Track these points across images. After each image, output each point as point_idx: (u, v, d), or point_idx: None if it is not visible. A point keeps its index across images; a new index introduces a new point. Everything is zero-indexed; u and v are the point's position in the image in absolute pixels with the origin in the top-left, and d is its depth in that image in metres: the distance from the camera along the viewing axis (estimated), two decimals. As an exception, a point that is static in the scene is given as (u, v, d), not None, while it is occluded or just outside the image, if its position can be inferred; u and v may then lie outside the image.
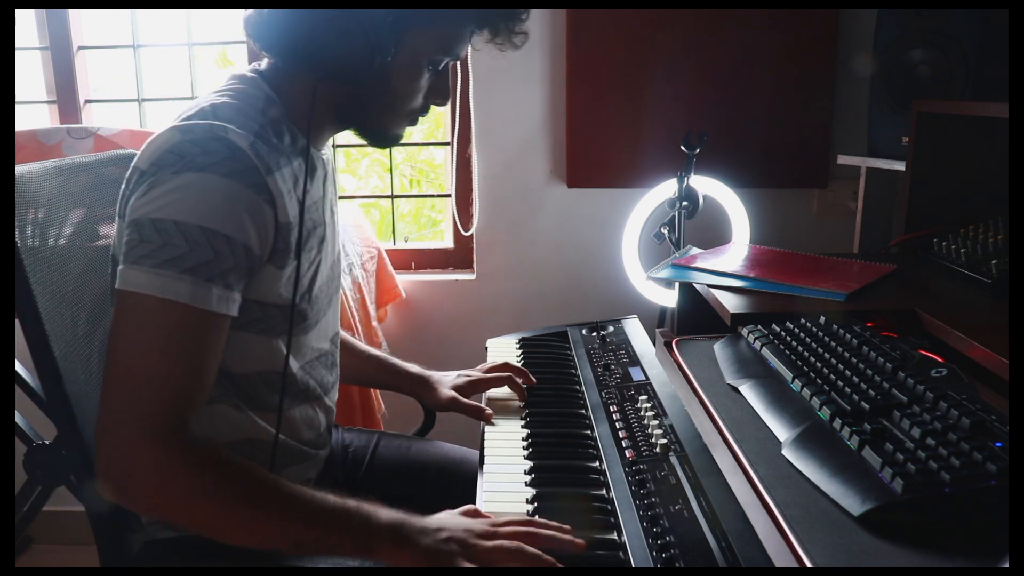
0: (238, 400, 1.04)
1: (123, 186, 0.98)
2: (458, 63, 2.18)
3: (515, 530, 0.90)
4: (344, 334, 1.39)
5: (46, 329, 1.03)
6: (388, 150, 2.48)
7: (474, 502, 0.99)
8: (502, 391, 1.33)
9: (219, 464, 0.90)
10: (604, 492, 0.98)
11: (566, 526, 0.90)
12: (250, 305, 0.99)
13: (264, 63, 1.07)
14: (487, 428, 1.21)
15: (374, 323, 2.10)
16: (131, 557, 1.08)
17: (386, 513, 0.92)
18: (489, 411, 1.24)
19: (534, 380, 1.31)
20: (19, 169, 1.05)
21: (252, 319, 1.00)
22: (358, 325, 1.94)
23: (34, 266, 1.03)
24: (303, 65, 1.00)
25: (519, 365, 1.37)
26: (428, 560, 0.89)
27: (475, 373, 1.37)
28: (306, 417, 1.14)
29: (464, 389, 1.34)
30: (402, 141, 1.12)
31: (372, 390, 1.97)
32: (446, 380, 1.37)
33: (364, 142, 1.12)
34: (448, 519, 0.93)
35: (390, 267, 2.23)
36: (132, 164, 0.97)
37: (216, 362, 0.95)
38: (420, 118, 1.09)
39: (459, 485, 1.23)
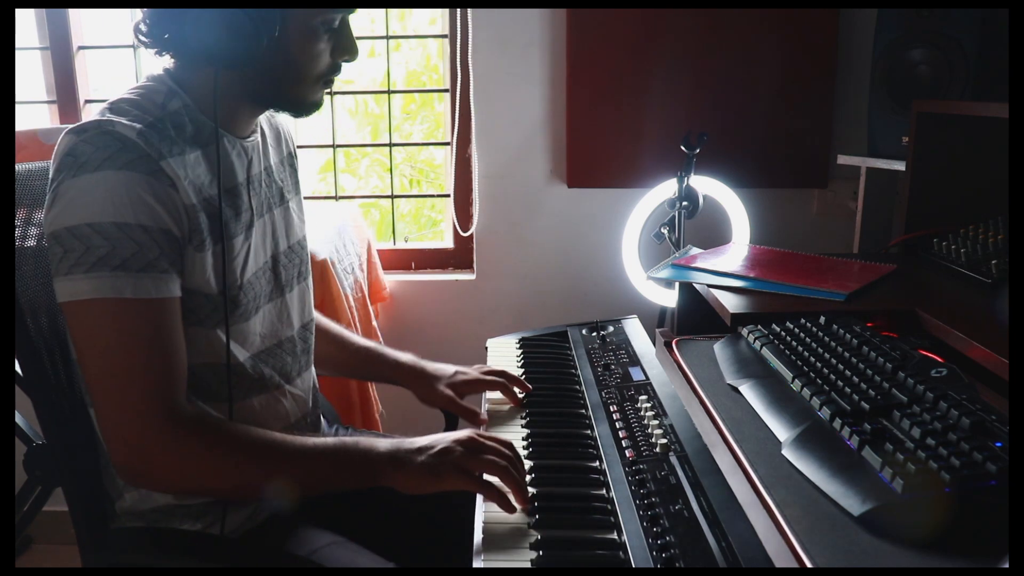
0: (190, 393, 1.03)
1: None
2: (460, 64, 2.18)
3: (501, 450, 1.00)
4: (337, 327, 1.40)
5: (30, 329, 1.03)
6: (388, 150, 2.48)
7: (474, 503, 0.99)
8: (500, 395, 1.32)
9: (225, 432, 0.98)
10: (604, 492, 0.98)
11: (526, 490, 0.97)
12: (183, 295, 1.00)
13: (172, 62, 1.08)
14: (486, 427, 1.21)
15: (374, 323, 2.10)
16: (107, 546, 1.09)
17: (383, 443, 1.01)
18: (484, 416, 1.24)
19: (530, 387, 1.29)
20: (18, 168, 1.06)
21: (185, 310, 1.01)
22: (358, 324, 1.94)
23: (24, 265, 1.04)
24: (198, 60, 1.03)
25: (519, 372, 1.36)
26: (428, 476, 0.97)
27: (472, 372, 1.35)
28: (269, 408, 1.13)
29: (460, 388, 1.33)
30: (321, 106, 1.12)
31: (370, 389, 1.97)
32: (442, 377, 1.35)
33: (289, 114, 1.13)
34: (438, 436, 1.02)
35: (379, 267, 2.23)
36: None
37: (181, 343, 0.98)
38: (335, 77, 1.10)
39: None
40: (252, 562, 1.07)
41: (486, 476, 0.98)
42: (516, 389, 1.29)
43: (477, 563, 0.88)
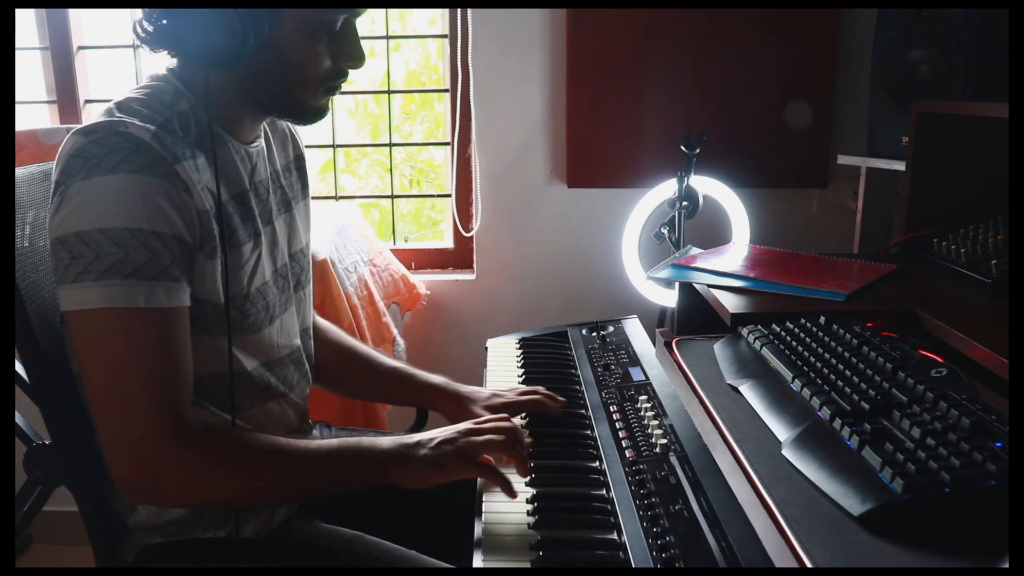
0: (198, 399, 1.02)
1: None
2: (460, 64, 2.18)
3: (498, 425, 1.01)
4: (364, 348, 1.35)
5: (36, 333, 1.03)
6: (388, 150, 2.48)
7: (474, 503, 0.99)
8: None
9: (229, 442, 0.96)
10: (604, 492, 0.98)
11: (526, 463, 0.99)
12: (191, 303, 0.97)
13: (174, 61, 1.06)
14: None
15: (385, 319, 2.09)
16: (128, 563, 1.08)
17: (386, 441, 1.01)
18: (528, 439, 1.14)
19: (565, 401, 1.23)
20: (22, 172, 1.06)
21: (193, 319, 0.98)
22: (363, 321, 1.94)
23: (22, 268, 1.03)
24: (191, 58, 1.01)
25: (519, 372, 1.36)
26: (431, 468, 0.97)
27: (509, 395, 1.25)
28: (273, 414, 1.12)
29: (498, 411, 1.21)
30: (326, 115, 1.08)
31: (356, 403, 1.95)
32: (478, 400, 1.25)
33: (291, 121, 1.10)
34: (438, 430, 1.02)
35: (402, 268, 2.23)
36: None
37: (188, 353, 0.96)
38: (339, 84, 1.06)
39: (459, 486, 1.22)
40: (285, 562, 1.06)
41: (489, 457, 1.00)
42: (553, 404, 1.22)
43: (477, 563, 0.88)
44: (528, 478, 1.01)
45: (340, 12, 1.01)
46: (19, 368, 1.30)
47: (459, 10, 2.18)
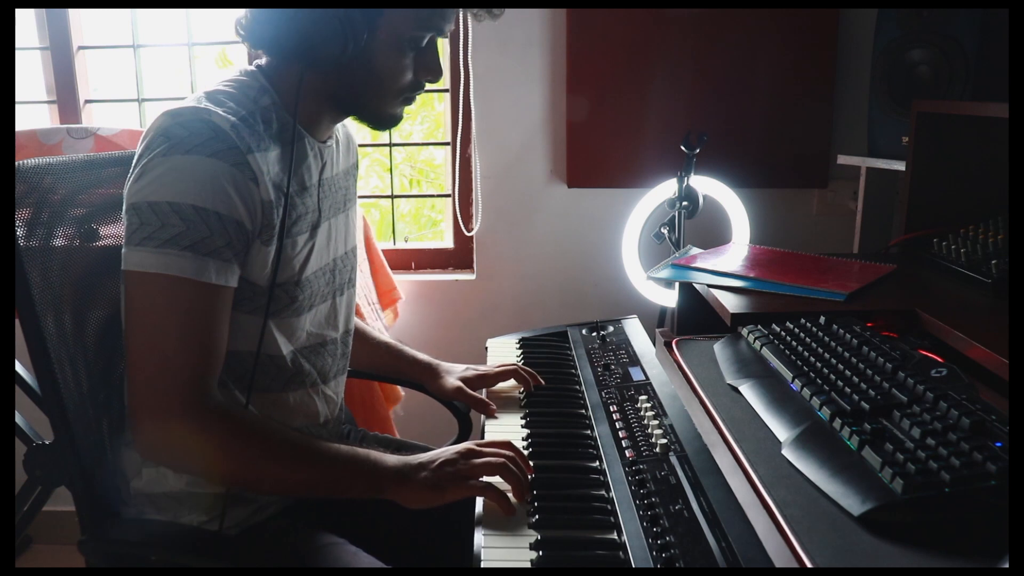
0: (227, 379, 1.07)
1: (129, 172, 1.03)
2: (460, 64, 2.18)
3: (499, 451, 1.01)
4: (359, 323, 1.42)
5: (42, 329, 1.03)
6: (388, 150, 2.48)
7: (474, 504, 0.99)
8: (505, 384, 1.34)
9: (247, 427, 1.01)
10: (604, 492, 0.98)
11: (525, 485, 0.98)
12: (241, 284, 1.03)
13: (264, 59, 1.12)
14: (487, 427, 1.21)
15: (381, 321, 2.10)
16: (111, 539, 1.09)
17: (391, 458, 1.03)
18: (493, 406, 1.26)
19: (542, 381, 1.32)
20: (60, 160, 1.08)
21: (243, 298, 1.04)
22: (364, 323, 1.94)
23: (29, 265, 1.03)
24: (288, 58, 1.06)
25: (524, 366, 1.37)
26: (431, 491, 0.99)
27: (482, 367, 1.38)
28: (300, 403, 1.16)
29: (472, 382, 1.35)
30: (401, 122, 1.15)
31: (376, 388, 1.96)
32: (454, 370, 1.39)
33: (368, 126, 1.16)
34: (440, 451, 1.04)
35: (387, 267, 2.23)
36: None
37: (225, 332, 1.02)
38: (416, 95, 1.13)
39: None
40: (253, 560, 1.07)
41: (488, 478, 0.98)
42: (524, 375, 1.32)
43: (477, 563, 0.88)
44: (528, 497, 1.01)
45: (428, 30, 1.08)
46: (19, 368, 1.30)
47: (459, 10, 2.17)
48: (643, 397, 1.18)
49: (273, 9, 1.04)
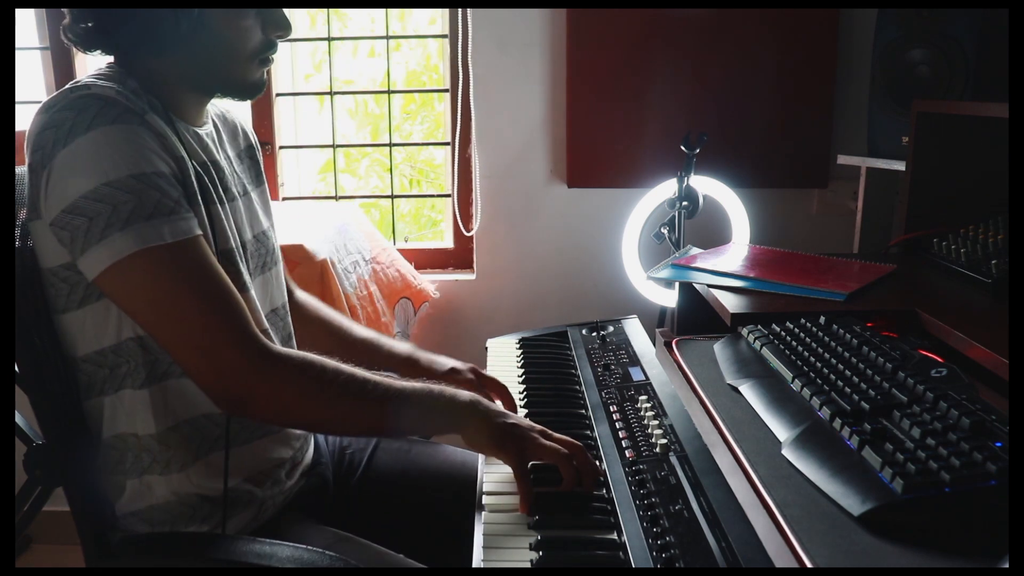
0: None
1: (27, 191, 0.98)
2: (460, 64, 2.18)
3: (571, 442, 1.00)
4: (339, 317, 1.37)
5: (32, 332, 1.02)
6: (388, 150, 2.48)
7: (474, 505, 0.99)
8: (505, 382, 1.28)
9: (319, 366, 0.99)
10: (604, 492, 0.98)
11: (599, 473, 0.99)
12: None
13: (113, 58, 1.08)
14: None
15: (385, 319, 2.10)
16: (112, 553, 1.08)
17: (463, 393, 1.04)
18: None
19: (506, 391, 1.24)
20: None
21: None
22: (363, 322, 1.94)
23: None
24: (129, 51, 1.03)
25: (519, 372, 1.36)
26: (500, 436, 0.99)
27: (467, 372, 1.28)
28: None
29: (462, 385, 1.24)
30: (264, 87, 1.11)
31: None
32: (435, 373, 1.27)
33: (232, 98, 1.12)
34: (518, 416, 1.04)
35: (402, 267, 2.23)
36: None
37: (226, 275, 0.98)
38: (272, 54, 1.09)
39: (459, 488, 1.22)
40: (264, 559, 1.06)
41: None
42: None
43: (477, 563, 0.88)
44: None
45: None
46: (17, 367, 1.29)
47: (459, 10, 2.18)
48: (643, 397, 1.18)
49: (98, 12, 0.99)
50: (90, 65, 2.38)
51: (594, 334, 1.48)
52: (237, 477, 1.07)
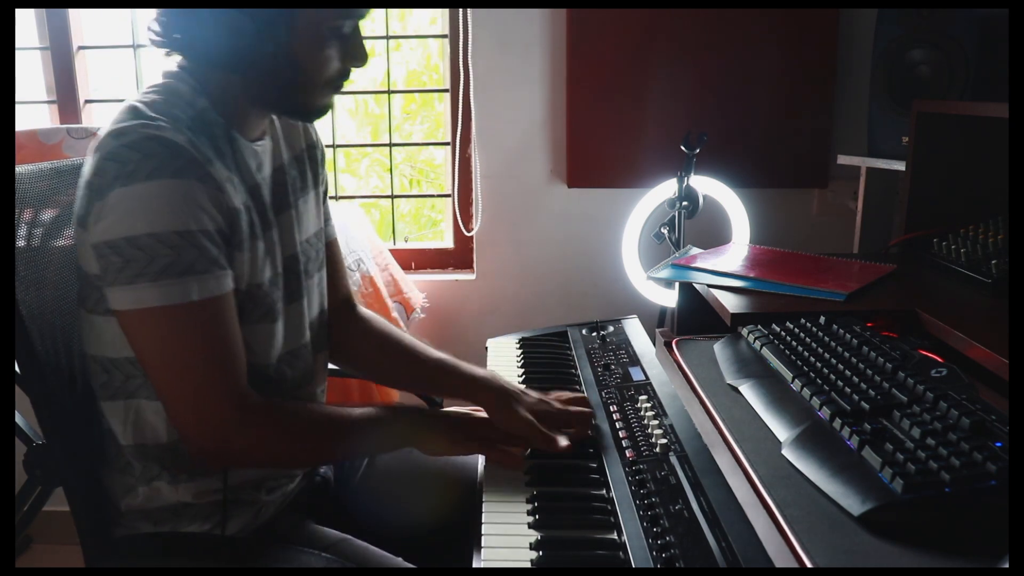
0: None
1: (78, 192, 0.98)
2: (460, 64, 2.18)
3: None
4: (410, 339, 1.32)
5: (29, 330, 1.03)
6: (388, 150, 2.48)
7: (474, 505, 0.99)
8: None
9: (295, 415, 1.04)
10: (604, 492, 0.98)
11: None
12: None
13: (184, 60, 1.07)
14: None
15: (394, 314, 2.10)
16: (112, 552, 1.09)
17: (412, 408, 1.13)
18: (565, 443, 1.07)
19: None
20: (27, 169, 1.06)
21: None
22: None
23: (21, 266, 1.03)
24: (208, 61, 1.02)
25: (519, 372, 1.35)
26: (450, 441, 1.08)
27: (556, 404, 1.15)
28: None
29: (544, 420, 1.11)
30: (329, 111, 1.10)
31: (373, 387, 1.96)
32: (524, 401, 1.13)
33: (296, 120, 1.14)
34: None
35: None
36: (82, 173, 0.98)
37: (239, 333, 1.01)
38: (344, 82, 1.08)
39: (459, 488, 1.22)
40: (264, 561, 1.06)
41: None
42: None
43: (477, 563, 0.88)
44: (527, 478, 1.01)
45: (349, 16, 1.04)
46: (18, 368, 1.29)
47: (459, 10, 2.18)
48: (643, 397, 1.18)
49: (189, 12, 0.99)
50: (90, 68, 2.38)
51: (594, 334, 1.48)
52: (240, 481, 1.07)
